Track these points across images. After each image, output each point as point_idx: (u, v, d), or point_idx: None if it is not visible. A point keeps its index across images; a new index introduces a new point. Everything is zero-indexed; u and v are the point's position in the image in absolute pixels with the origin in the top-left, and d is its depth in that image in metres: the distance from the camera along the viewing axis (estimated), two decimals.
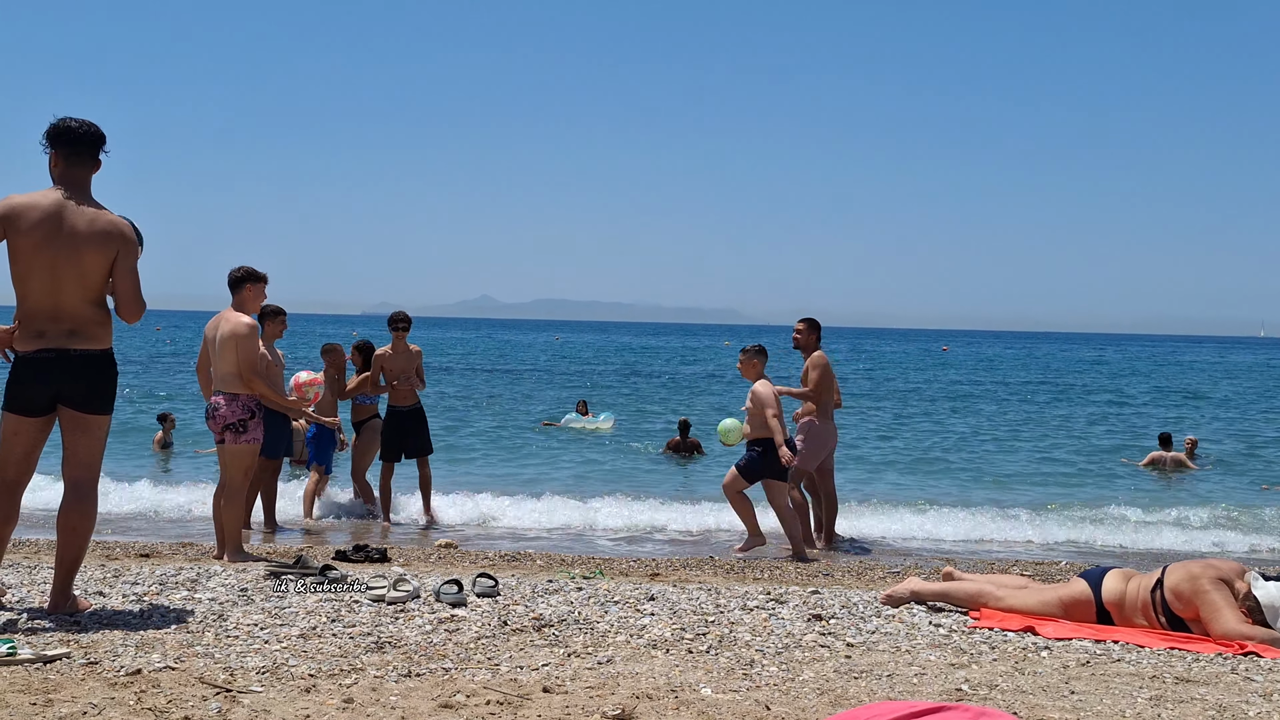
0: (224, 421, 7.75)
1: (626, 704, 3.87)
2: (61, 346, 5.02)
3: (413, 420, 10.84)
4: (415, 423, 10.85)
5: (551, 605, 5.59)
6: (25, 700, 3.78)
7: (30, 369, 5.01)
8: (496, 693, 3.99)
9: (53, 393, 5.04)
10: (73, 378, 5.03)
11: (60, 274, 4.98)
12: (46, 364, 5.00)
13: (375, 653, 4.55)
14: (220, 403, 7.76)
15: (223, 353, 7.76)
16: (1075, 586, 5.58)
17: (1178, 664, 4.74)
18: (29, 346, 5.01)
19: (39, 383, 5.01)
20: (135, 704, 3.76)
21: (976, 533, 11.26)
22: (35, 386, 5.02)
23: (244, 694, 3.91)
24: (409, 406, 10.82)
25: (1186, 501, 13.64)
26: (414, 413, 10.86)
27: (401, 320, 10.82)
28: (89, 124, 5.10)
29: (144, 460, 15.32)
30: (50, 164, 5.08)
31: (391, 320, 10.91)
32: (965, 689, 4.20)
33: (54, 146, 5.06)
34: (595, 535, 10.89)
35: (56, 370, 5.01)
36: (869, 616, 5.55)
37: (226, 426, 7.75)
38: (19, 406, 5.05)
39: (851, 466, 15.91)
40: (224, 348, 7.76)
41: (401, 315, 10.87)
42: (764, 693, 4.11)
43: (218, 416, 7.77)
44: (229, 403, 7.75)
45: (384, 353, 10.84)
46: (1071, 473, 16.64)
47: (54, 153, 5.07)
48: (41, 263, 4.95)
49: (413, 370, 10.80)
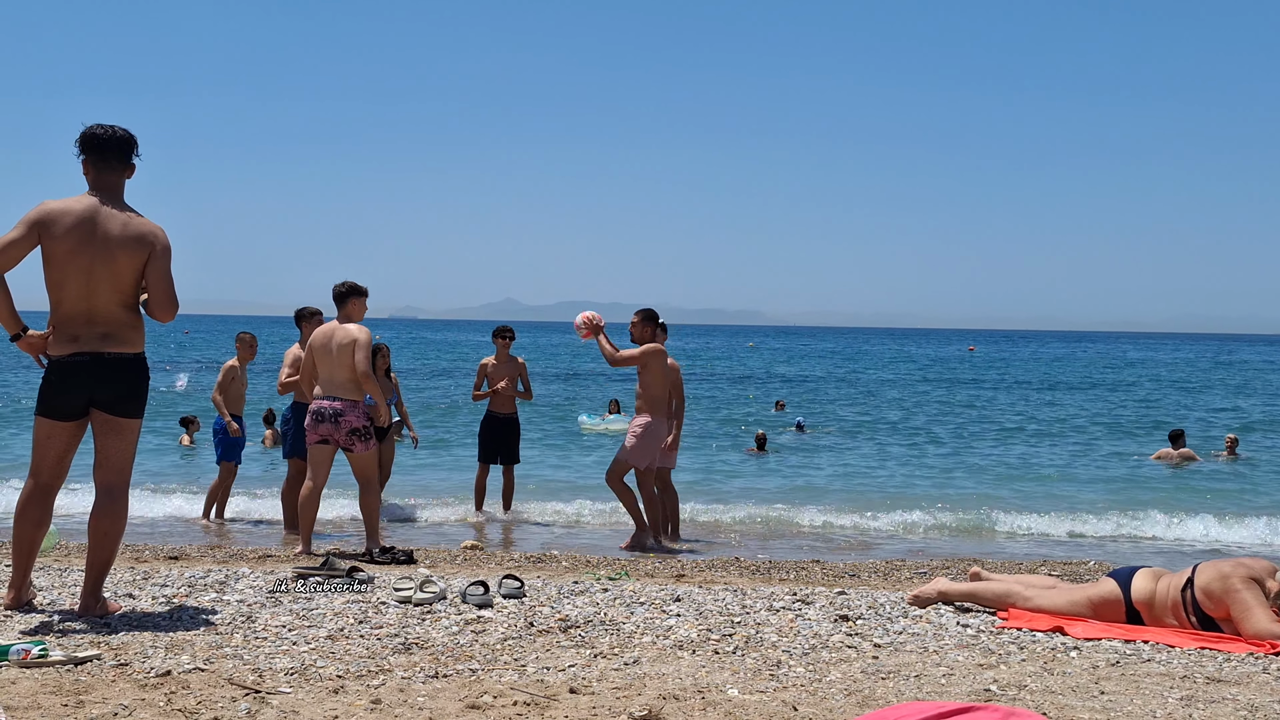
0: (349, 426, 8.19)
1: (653, 705, 3.87)
2: (95, 350, 5.07)
3: (507, 429, 11.11)
4: (508, 432, 11.13)
5: (577, 606, 5.59)
6: (57, 702, 3.81)
7: (64, 373, 5.07)
8: (523, 694, 3.99)
9: (86, 397, 5.10)
10: (106, 381, 5.09)
11: (94, 278, 5.04)
12: (80, 368, 5.06)
13: (402, 654, 4.57)
14: (342, 408, 8.20)
15: (340, 361, 8.21)
16: (1104, 586, 5.55)
17: (1209, 664, 4.69)
18: (63, 351, 5.07)
19: (73, 387, 5.07)
20: (165, 705, 3.79)
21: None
22: (69, 391, 5.07)
23: (273, 695, 3.93)
24: (506, 415, 11.12)
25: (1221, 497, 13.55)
26: (510, 422, 11.13)
27: (506, 332, 11.22)
28: (117, 129, 5.14)
29: (172, 462, 15.44)
30: (83, 171, 5.17)
31: (497, 332, 11.26)
32: (994, 689, 4.18)
33: (84, 153, 5.14)
34: (620, 536, 10.89)
35: (90, 374, 5.07)
36: (896, 617, 5.53)
37: (353, 431, 8.21)
38: (53, 411, 5.11)
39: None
40: (341, 356, 8.21)
41: (506, 328, 11.30)
42: (791, 693, 4.10)
43: (343, 422, 8.18)
44: (351, 409, 8.21)
45: (489, 362, 11.16)
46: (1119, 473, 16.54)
47: (85, 159, 5.14)
48: (76, 267, 5.01)
49: (515, 379, 11.09)
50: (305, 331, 9.96)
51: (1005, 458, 18.17)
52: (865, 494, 13.98)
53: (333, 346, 8.26)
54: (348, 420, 8.18)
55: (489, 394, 11.06)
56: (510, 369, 11.10)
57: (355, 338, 8.19)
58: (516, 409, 11.22)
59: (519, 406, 11.30)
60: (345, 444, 8.25)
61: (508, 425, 11.10)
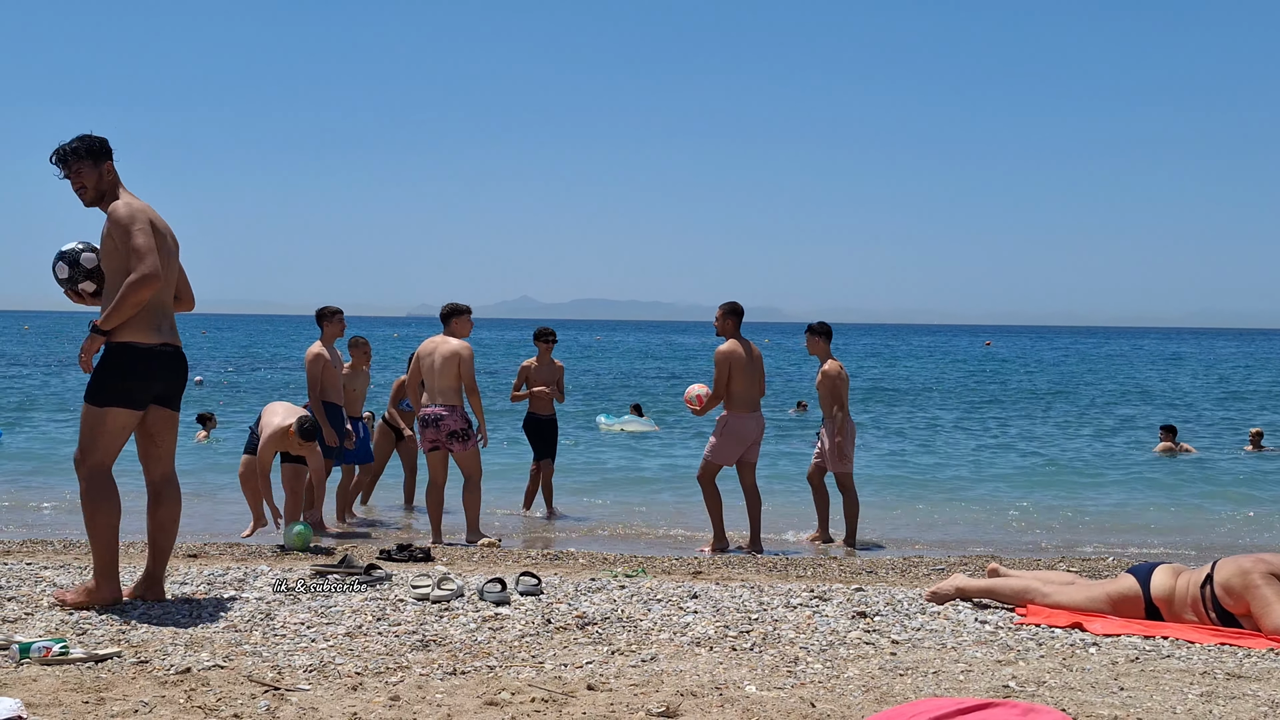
0: (448, 429, 9.09)
1: (671, 701, 3.87)
2: (172, 343, 5.33)
3: (549, 428, 11.36)
4: (550, 430, 11.37)
5: (595, 604, 5.60)
6: (78, 699, 3.83)
7: (149, 363, 5.22)
8: (541, 690, 4.00)
9: (161, 387, 5.32)
10: (174, 375, 5.37)
11: (170, 272, 5.36)
12: (165, 359, 5.28)
13: (421, 651, 4.58)
14: (443, 413, 9.09)
15: (444, 371, 9.12)
16: (1123, 582, 5.52)
17: (1228, 660, 4.67)
18: (152, 340, 5.23)
19: (155, 377, 5.27)
20: (185, 702, 3.81)
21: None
22: (152, 380, 5.27)
23: (292, 692, 3.95)
24: (547, 415, 11.36)
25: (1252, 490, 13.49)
26: (550, 421, 11.39)
27: (549, 335, 11.44)
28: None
29: (189, 460, 15.50)
30: (113, 171, 5.37)
31: (539, 335, 11.44)
32: (1013, 686, 4.16)
33: (110, 158, 5.39)
34: (638, 534, 10.89)
35: (167, 366, 5.31)
36: (914, 613, 5.52)
37: (451, 434, 9.11)
38: (135, 401, 5.25)
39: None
40: (446, 366, 9.12)
41: (549, 330, 11.53)
42: (809, 690, 4.10)
43: (442, 425, 9.08)
44: (450, 413, 9.11)
45: (530, 364, 11.36)
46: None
47: (110, 163, 5.36)
48: (165, 263, 5.28)
49: (554, 382, 11.29)
50: (326, 330, 10.02)
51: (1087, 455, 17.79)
52: (900, 490, 13.84)
53: (436, 359, 9.18)
54: (447, 424, 9.10)
55: (527, 395, 11.25)
56: (551, 372, 11.33)
57: (457, 351, 9.14)
58: (555, 410, 11.51)
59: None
60: (445, 445, 9.14)
61: (550, 425, 11.37)
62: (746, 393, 9.41)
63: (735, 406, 9.38)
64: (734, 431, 9.39)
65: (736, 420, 9.39)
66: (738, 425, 9.39)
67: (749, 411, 9.43)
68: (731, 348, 9.41)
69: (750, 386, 9.43)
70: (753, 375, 9.46)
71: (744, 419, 9.40)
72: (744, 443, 9.44)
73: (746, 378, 9.40)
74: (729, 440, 9.40)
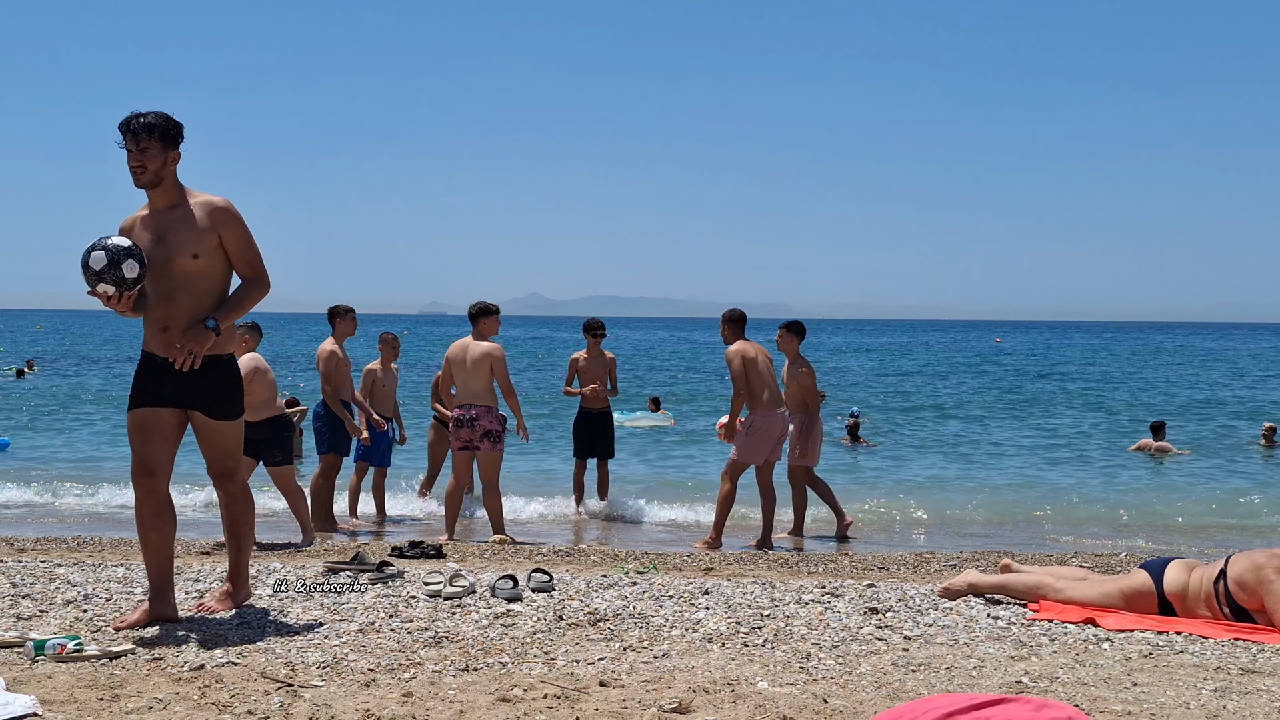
0: (483, 430, 9.18)
1: (683, 697, 3.87)
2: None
3: (601, 423, 11.21)
4: (603, 426, 11.24)
5: (606, 600, 5.60)
6: (92, 695, 3.85)
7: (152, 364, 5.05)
8: (553, 686, 4.01)
9: (167, 391, 5.02)
10: (187, 378, 4.98)
11: None
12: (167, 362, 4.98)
13: (433, 647, 4.59)
14: (477, 414, 9.18)
15: (476, 372, 9.19)
16: (1136, 578, 5.51)
17: (1242, 655, 4.66)
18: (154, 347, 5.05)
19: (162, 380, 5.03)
20: (199, 699, 3.82)
21: None
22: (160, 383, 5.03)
23: (305, 688, 3.96)
24: (599, 410, 11.23)
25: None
26: (603, 416, 11.25)
27: (598, 328, 11.29)
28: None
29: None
30: (178, 159, 4.97)
31: (588, 327, 11.35)
32: (1025, 681, 4.16)
33: (179, 145, 4.97)
34: (652, 531, 10.90)
35: (172, 370, 4.96)
36: (926, 609, 5.51)
37: (485, 434, 9.20)
38: (135, 401, 5.08)
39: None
40: (477, 368, 9.20)
41: (598, 323, 11.39)
42: (821, 686, 4.09)
43: (477, 426, 9.17)
44: (485, 414, 9.20)
45: (580, 357, 11.29)
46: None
47: (177, 151, 4.96)
48: None
49: (606, 375, 11.18)
50: (338, 328, 10.10)
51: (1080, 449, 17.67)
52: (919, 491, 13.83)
53: (467, 360, 9.26)
54: (481, 424, 9.20)
55: (581, 392, 11.15)
56: (601, 365, 11.21)
57: (489, 353, 9.22)
58: (609, 403, 11.37)
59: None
60: (476, 444, 9.22)
61: (602, 420, 11.22)
62: (767, 389, 9.52)
63: (760, 405, 9.49)
64: (761, 430, 9.51)
65: (763, 419, 9.51)
66: (765, 423, 9.51)
67: (774, 409, 9.54)
68: (740, 346, 9.57)
69: (770, 383, 9.56)
70: (768, 372, 9.59)
71: (770, 416, 9.53)
72: (771, 440, 9.57)
73: (763, 374, 9.51)
74: (757, 439, 9.52)
